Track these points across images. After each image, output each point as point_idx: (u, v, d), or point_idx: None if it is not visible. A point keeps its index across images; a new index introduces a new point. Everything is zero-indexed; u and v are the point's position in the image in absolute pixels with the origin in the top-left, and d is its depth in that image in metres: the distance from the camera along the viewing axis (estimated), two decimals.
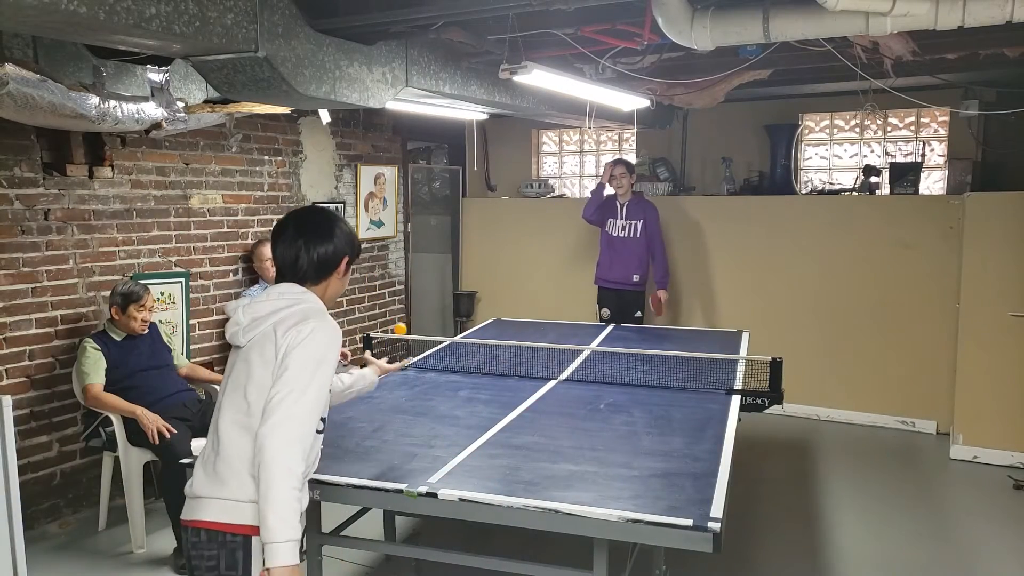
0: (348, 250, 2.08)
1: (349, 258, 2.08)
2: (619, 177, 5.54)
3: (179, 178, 4.52)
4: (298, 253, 2.00)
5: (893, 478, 4.62)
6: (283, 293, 1.99)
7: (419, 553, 3.30)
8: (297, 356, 1.87)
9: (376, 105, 3.28)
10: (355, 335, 5.88)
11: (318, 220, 2.07)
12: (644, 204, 5.63)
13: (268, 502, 1.76)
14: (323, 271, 2.04)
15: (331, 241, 2.03)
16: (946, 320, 5.21)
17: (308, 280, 2.03)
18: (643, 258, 5.58)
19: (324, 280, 2.05)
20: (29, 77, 2.83)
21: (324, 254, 2.02)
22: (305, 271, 2.02)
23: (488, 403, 3.20)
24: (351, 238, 2.09)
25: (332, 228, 2.05)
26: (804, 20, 2.79)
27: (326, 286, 2.06)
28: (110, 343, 3.78)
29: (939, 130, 5.88)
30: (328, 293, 2.07)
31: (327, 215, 2.11)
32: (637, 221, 5.56)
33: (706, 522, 1.99)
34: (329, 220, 2.08)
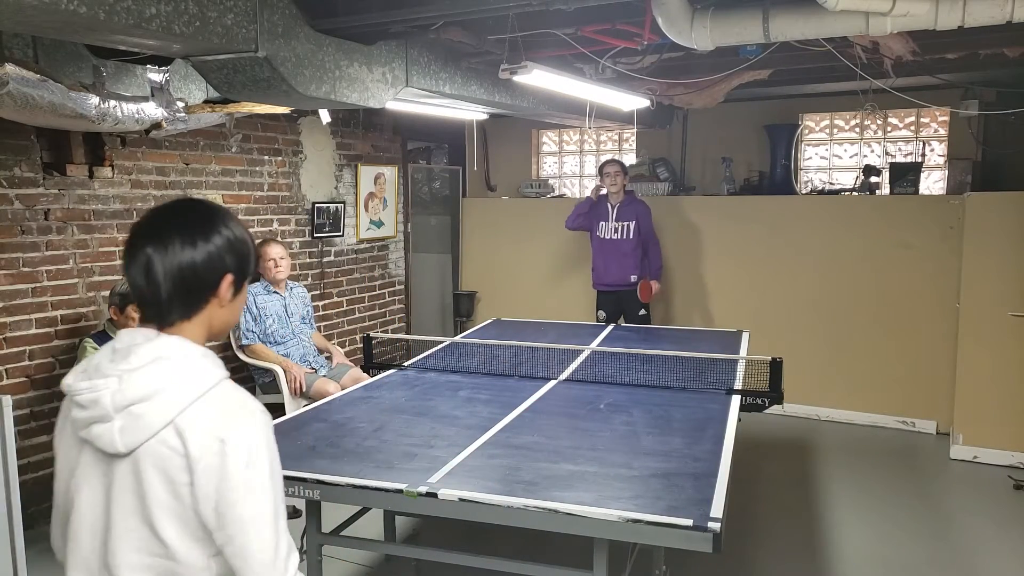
0: (232, 262, 1.35)
1: (234, 276, 1.36)
2: (613, 176, 5.50)
3: (179, 178, 4.52)
4: (148, 272, 1.29)
5: (893, 478, 4.62)
6: (160, 357, 1.26)
7: (419, 553, 3.29)
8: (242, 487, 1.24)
9: (376, 105, 3.28)
10: (355, 335, 5.88)
11: (181, 218, 1.35)
12: (636, 204, 5.60)
13: None
14: (192, 296, 1.32)
15: (198, 248, 1.31)
16: (946, 320, 5.21)
17: (173, 315, 1.32)
18: (639, 257, 5.58)
19: (197, 312, 1.34)
20: (29, 77, 2.83)
21: (189, 268, 1.30)
22: (164, 301, 1.30)
23: (488, 403, 3.20)
24: (238, 245, 1.37)
25: (203, 230, 1.33)
26: (804, 20, 2.79)
27: (207, 321, 1.36)
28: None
29: (939, 130, 5.88)
30: (214, 330, 1.39)
31: (198, 209, 1.39)
32: (629, 222, 5.54)
33: (706, 522, 1.98)
34: (201, 217, 1.36)
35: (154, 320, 1.32)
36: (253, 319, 4.64)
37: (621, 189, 5.56)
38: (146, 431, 1.24)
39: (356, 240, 5.94)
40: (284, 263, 4.80)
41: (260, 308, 4.67)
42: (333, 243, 5.72)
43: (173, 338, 1.31)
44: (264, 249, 4.78)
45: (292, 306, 4.83)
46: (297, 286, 4.99)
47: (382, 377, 3.72)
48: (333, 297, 5.76)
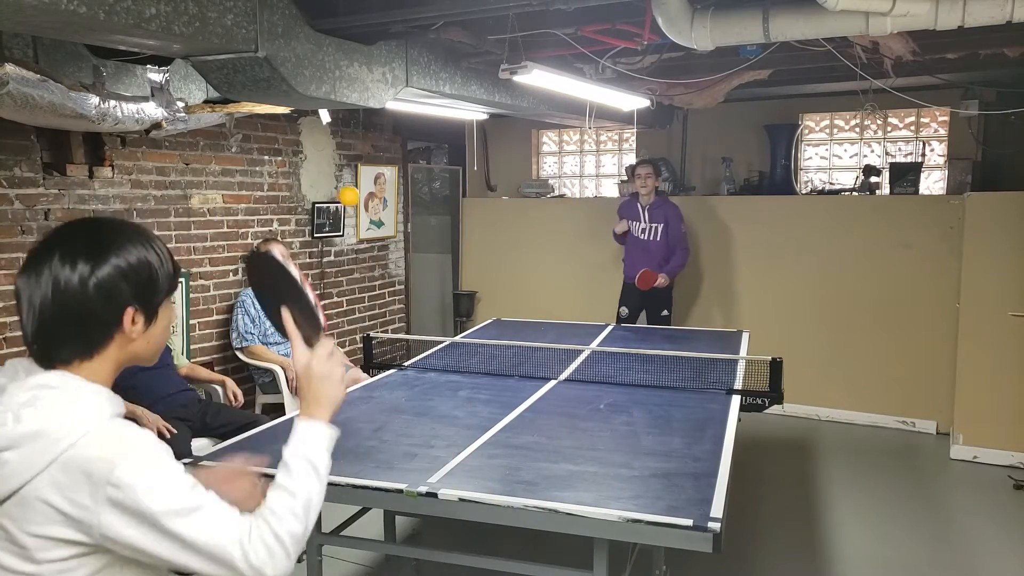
0: (131, 295, 1.18)
1: (136, 308, 1.19)
2: (644, 177, 5.50)
3: (179, 178, 4.52)
4: (20, 310, 1.14)
5: (893, 478, 4.62)
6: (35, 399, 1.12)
7: (419, 553, 3.30)
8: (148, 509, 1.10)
9: (376, 105, 3.28)
10: (355, 335, 5.88)
11: (74, 239, 1.17)
12: (666, 207, 5.57)
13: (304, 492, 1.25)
14: (85, 336, 1.17)
15: (84, 283, 1.13)
16: (946, 320, 5.21)
17: (61, 354, 1.16)
18: (664, 260, 5.53)
19: (96, 351, 1.18)
20: (29, 77, 2.83)
21: (75, 298, 1.13)
22: (47, 339, 1.15)
23: (488, 403, 3.20)
24: (139, 275, 1.19)
25: (93, 259, 1.14)
26: (804, 20, 2.79)
27: (115, 358, 1.21)
28: None
29: (939, 130, 5.88)
30: (127, 363, 1.24)
31: (94, 227, 1.20)
32: (658, 224, 5.52)
33: (706, 522, 1.98)
34: (95, 237, 1.17)
35: (40, 360, 1.16)
36: (252, 321, 4.64)
37: (652, 190, 5.54)
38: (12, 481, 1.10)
39: (356, 240, 5.94)
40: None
41: (259, 310, 4.68)
42: (333, 243, 5.72)
43: (51, 376, 1.15)
44: (267, 249, 4.78)
45: None
46: None
47: (382, 377, 3.72)
48: (333, 297, 5.76)
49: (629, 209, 5.67)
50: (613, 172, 7.10)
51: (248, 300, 4.69)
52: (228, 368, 4.79)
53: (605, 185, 7.16)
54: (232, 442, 2.73)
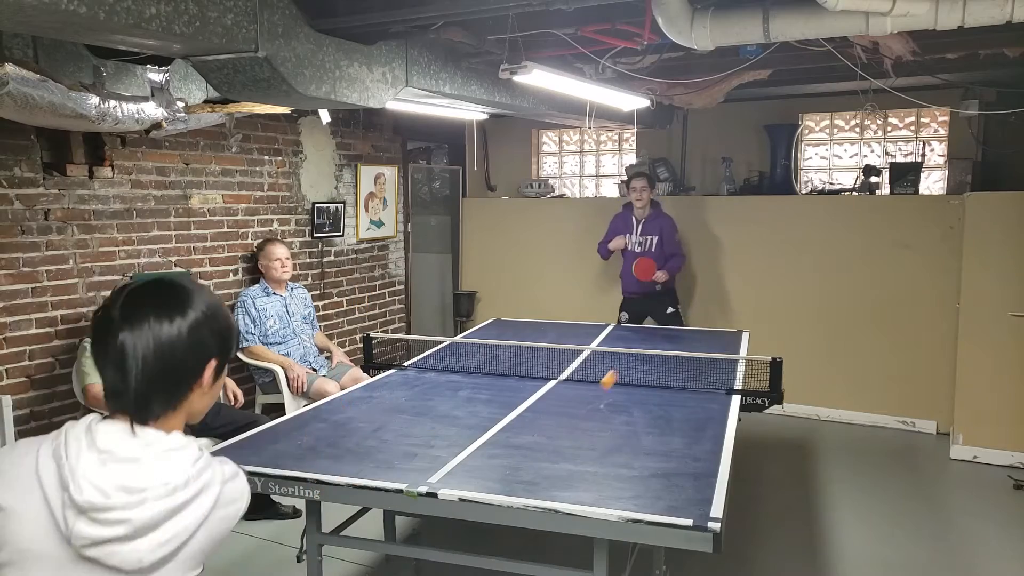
0: (216, 347, 1.26)
1: (218, 361, 1.27)
2: (639, 191, 5.41)
3: (179, 178, 4.52)
4: (125, 367, 1.17)
5: (893, 478, 4.62)
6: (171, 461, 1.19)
7: (419, 553, 3.30)
8: None
9: (376, 105, 3.28)
10: (355, 335, 5.88)
11: (159, 299, 1.22)
12: (660, 219, 5.49)
13: None
14: (175, 389, 1.22)
15: (182, 335, 1.20)
16: (946, 320, 5.21)
17: (155, 412, 1.20)
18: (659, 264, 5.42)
19: (180, 405, 1.24)
20: (29, 77, 2.83)
21: (171, 359, 1.19)
22: (144, 398, 1.18)
23: (488, 403, 3.20)
24: (221, 327, 1.27)
25: (184, 312, 1.21)
26: (804, 20, 2.79)
27: (187, 412, 1.26)
28: None
29: (939, 130, 5.87)
30: (190, 419, 1.29)
31: (176, 288, 1.25)
32: (653, 236, 5.45)
33: (706, 522, 1.98)
34: (179, 298, 1.23)
35: (131, 415, 1.19)
36: (252, 321, 4.64)
37: (647, 204, 5.46)
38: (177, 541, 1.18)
39: (356, 240, 5.94)
40: (289, 263, 4.82)
41: (260, 310, 4.68)
42: (333, 243, 5.72)
43: (173, 436, 1.21)
44: (270, 249, 4.78)
45: (292, 306, 4.83)
46: (297, 287, 5.00)
47: (382, 377, 3.72)
48: (333, 297, 5.76)
49: (623, 222, 5.58)
50: (613, 172, 7.10)
51: (248, 300, 4.69)
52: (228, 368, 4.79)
53: (605, 185, 7.16)
54: (232, 442, 2.73)
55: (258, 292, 4.74)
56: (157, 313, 1.19)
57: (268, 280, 4.79)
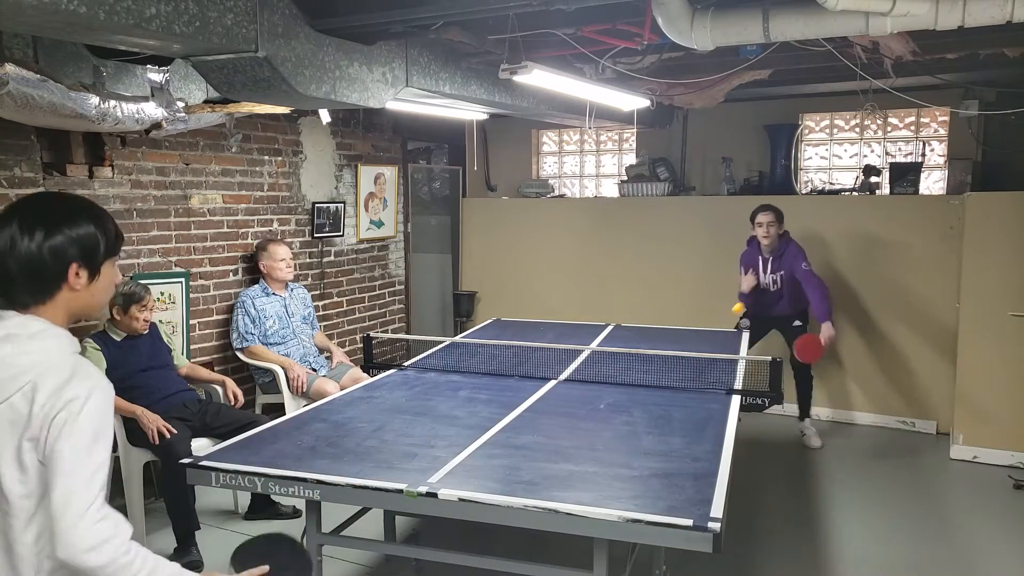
0: (75, 253, 1.47)
1: (79, 264, 1.48)
2: (766, 226, 4.94)
3: (179, 178, 4.52)
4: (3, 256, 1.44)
5: (893, 478, 4.62)
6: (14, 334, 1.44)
7: (419, 553, 3.30)
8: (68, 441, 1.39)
9: (376, 105, 3.28)
10: (355, 335, 5.88)
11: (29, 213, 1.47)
12: (787, 255, 4.99)
13: None
14: (38, 284, 1.46)
15: (37, 242, 1.44)
16: (946, 320, 5.21)
17: (23, 298, 1.46)
18: (797, 301, 5.05)
19: (47, 297, 1.48)
20: (29, 77, 2.83)
21: (27, 259, 1.43)
22: (11, 284, 1.45)
23: (488, 403, 3.20)
24: (84, 239, 1.48)
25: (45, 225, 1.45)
26: (804, 20, 2.79)
27: (64, 305, 1.50)
28: (110, 343, 3.78)
29: (939, 130, 5.88)
30: (75, 312, 1.53)
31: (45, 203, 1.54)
32: (781, 273, 5.03)
33: (706, 522, 1.99)
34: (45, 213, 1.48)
35: (6, 303, 1.47)
36: (252, 321, 4.64)
37: (775, 239, 4.99)
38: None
39: (356, 240, 5.94)
40: (292, 264, 4.82)
41: (259, 310, 4.68)
42: (333, 243, 5.72)
43: (21, 317, 1.46)
44: (273, 249, 4.77)
45: (292, 307, 4.83)
46: (297, 287, 5.00)
47: (382, 377, 3.72)
48: (333, 297, 5.76)
49: (750, 258, 5.15)
50: (613, 172, 7.10)
51: (248, 300, 4.69)
52: (228, 368, 4.79)
53: (605, 185, 7.16)
54: (232, 442, 2.73)
55: (257, 292, 4.74)
56: (24, 221, 1.45)
57: (269, 280, 4.79)
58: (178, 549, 3.54)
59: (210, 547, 3.63)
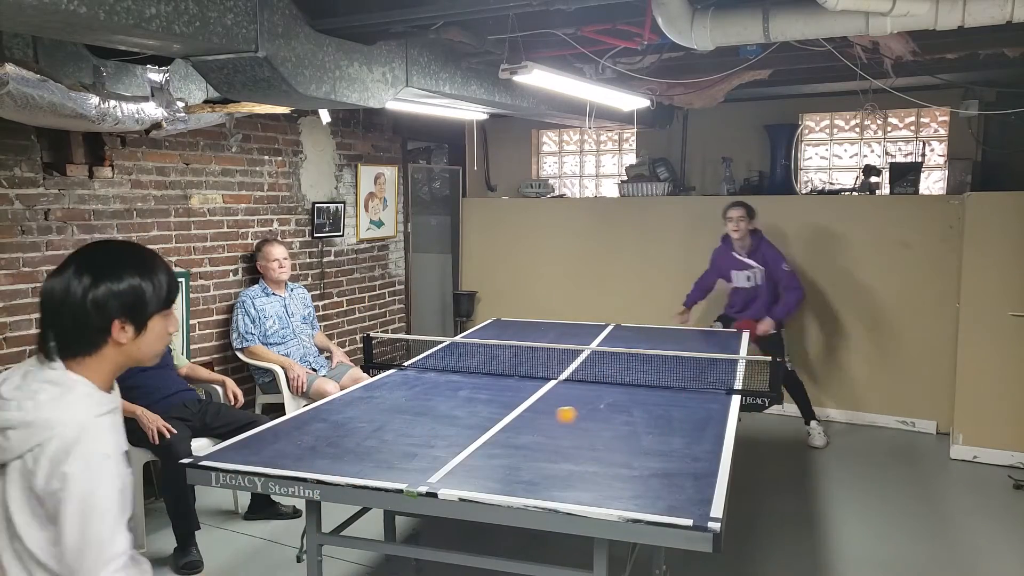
0: (116, 308, 1.44)
1: (123, 319, 1.46)
2: (736, 220, 5.04)
3: (179, 178, 4.52)
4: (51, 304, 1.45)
5: (893, 478, 4.62)
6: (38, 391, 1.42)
7: (419, 553, 3.30)
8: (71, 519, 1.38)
9: (376, 105, 3.28)
10: (355, 335, 5.88)
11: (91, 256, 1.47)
12: (762, 250, 5.11)
13: None
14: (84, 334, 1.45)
15: (91, 288, 1.43)
16: (946, 320, 5.21)
17: (69, 349, 1.45)
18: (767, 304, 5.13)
19: (94, 349, 1.46)
20: (29, 77, 2.83)
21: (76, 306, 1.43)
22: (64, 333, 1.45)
23: (488, 403, 3.20)
24: (125, 295, 1.45)
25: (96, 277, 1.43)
26: (804, 20, 2.79)
27: (110, 358, 1.49)
28: None
29: (939, 130, 5.88)
30: (119, 364, 1.51)
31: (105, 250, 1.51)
32: (757, 270, 5.12)
33: (706, 522, 1.98)
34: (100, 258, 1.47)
35: (49, 353, 1.45)
36: (252, 322, 4.65)
37: (746, 234, 5.09)
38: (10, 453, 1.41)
39: (356, 240, 5.94)
40: (287, 264, 4.82)
41: (259, 310, 4.68)
42: (333, 243, 5.72)
43: (58, 372, 1.44)
44: (268, 249, 4.78)
45: (292, 306, 4.84)
46: (297, 287, 5.00)
47: (382, 377, 3.72)
48: (333, 297, 5.76)
49: (724, 256, 5.26)
50: (613, 172, 7.10)
51: (248, 300, 4.69)
52: (228, 368, 4.79)
53: (605, 185, 7.16)
54: (232, 442, 2.73)
55: (257, 292, 4.74)
56: (77, 270, 1.44)
57: (267, 280, 4.80)
58: (178, 549, 3.54)
59: (210, 547, 3.63)
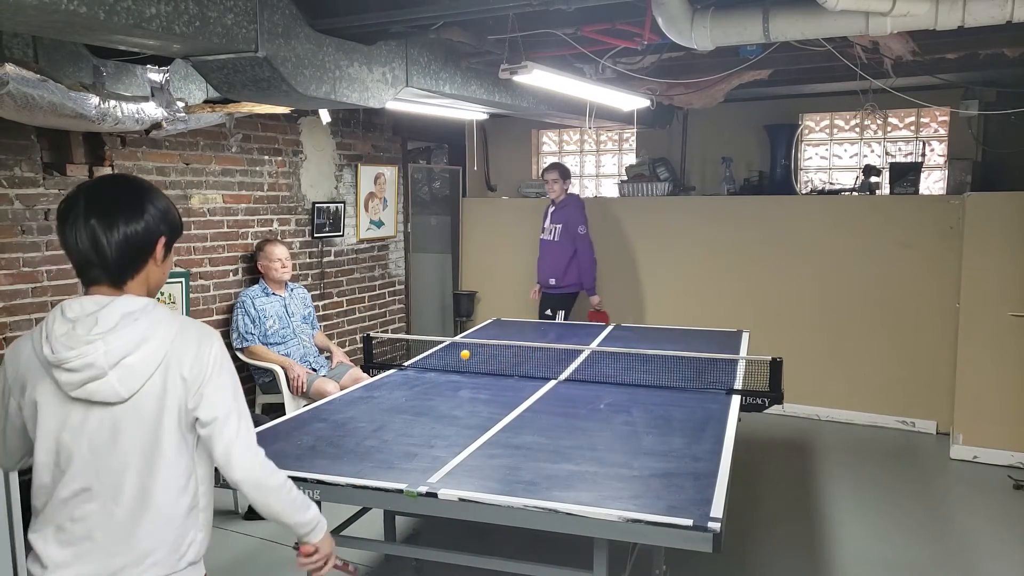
0: (165, 228, 1.64)
1: (166, 238, 1.65)
2: (551, 182, 5.70)
3: (179, 178, 4.52)
4: (95, 243, 1.55)
5: (893, 478, 4.62)
6: (127, 314, 1.55)
7: (419, 553, 3.30)
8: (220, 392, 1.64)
9: (376, 105, 3.28)
10: (355, 335, 5.88)
11: (118, 192, 1.62)
12: (568, 208, 5.71)
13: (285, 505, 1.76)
14: (136, 260, 1.60)
15: (140, 218, 1.59)
16: (946, 320, 5.21)
17: (125, 276, 1.59)
18: (560, 261, 5.69)
19: (140, 271, 1.61)
20: (29, 77, 2.83)
21: (133, 237, 1.57)
22: (114, 267, 1.57)
23: (488, 403, 3.20)
24: (170, 214, 1.67)
25: (139, 201, 1.60)
26: (804, 20, 2.79)
27: (146, 279, 1.63)
28: None
29: (939, 130, 5.88)
30: (150, 286, 1.66)
31: (130, 184, 1.66)
32: (558, 225, 5.70)
33: (706, 522, 1.98)
34: (133, 190, 1.63)
35: (104, 282, 1.58)
36: (252, 322, 4.64)
37: (561, 194, 5.72)
38: (141, 378, 1.55)
39: (356, 240, 5.94)
40: (289, 264, 4.82)
41: (259, 310, 4.68)
42: (333, 243, 5.72)
43: (127, 297, 1.57)
44: (270, 249, 4.78)
45: (292, 307, 4.84)
46: (297, 287, 5.00)
47: (382, 377, 3.72)
48: (333, 297, 5.76)
49: (545, 212, 5.90)
50: (613, 172, 7.10)
51: (248, 300, 4.69)
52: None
53: (605, 185, 7.16)
54: None
55: (257, 292, 4.74)
56: (124, 213, 1.57)
57: (268, 280, 4.79)
58: None
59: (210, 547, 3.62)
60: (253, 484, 1.68)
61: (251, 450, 1.67)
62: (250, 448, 1.67)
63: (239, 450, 1.64)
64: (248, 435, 1.66)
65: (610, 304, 6.07)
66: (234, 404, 1.64)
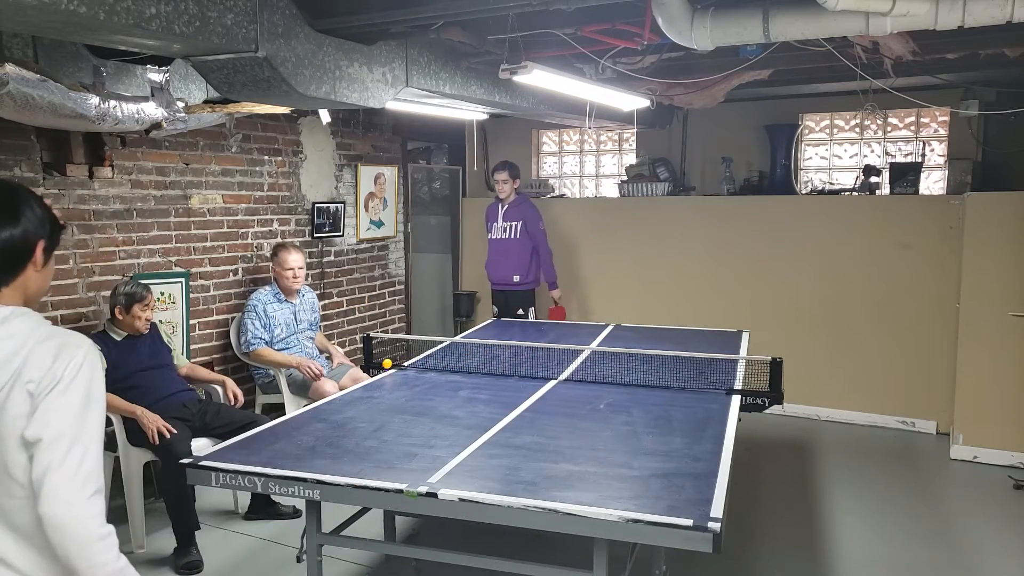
0: (42, 232, 1.53)
1: (46, 242, 1.54)
2: (501, 183, 5.80)
3: (179, 178, 4.52)
4: None
5: (893, 478, 4.62)
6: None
7: (419, 553, 3.30)
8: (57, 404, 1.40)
9: (376, 105, 3.28)
10: (355, 335, 5.88)
11: None
12: (524, 206, 5.84)
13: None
14: (14, 265, 1.50)
15: (17, 222, 1.49)
16: (946, 320, 5.21)
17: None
18: (523, 259, 5.81)
19: (16, 278, 1.51)
20: (29, 77, 2.83)
21: (9, 239, 1.47)
22: None
23: (488, 403, 3.20)
24: (44, 217, 1.55)
25: (15, 204, 1.50)
26: (804, 20, 2.79)
27: (23, 286, 1.52)
28: (110, 343, 3.78)
29: (939, 130, 5.87)
30: (29, 293, 1.54)
31: (5, 188, 1.55)
32: (516, 223, 5.81)
33: (706, 522, 1.98)
34: (9, 194, 1.53)
35: None
36: (263, 326, 4.59)
37: (511, 193, 5.84)
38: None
39: (356, 240, 5.94)
40: (302, 273, 4.72)
41: (270, 316, 4.62)
42: (333, 243, 5.72)
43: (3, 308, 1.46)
44: (283, 257, 4.67)
45: (301, 314, 4.78)
46: (308, 292, 4.93)
47: (382, 377, 3.72)
48: (333, 297, 5.76)
49: (491, 211, 5.98)
50: (613, 172, 7.10)
51: (259, 305, 4.61)
52: (228, 368, 4.79)
53: (605, 185, 7.16)
54: (232, 442, 2.73)
55: (269, 298, 4.66)
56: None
57: (280, 287, 4.73)
58: (178, 549, 3.54)
59: (210, 547, 3.63)
60: (58, 526, 1.35)
61: (72, 485, 1.36)
62: (72, 482, 1.36)
63: (56, 480, 1.35)
64: (77, 468, 1.36)
65: (610, 304, 6.08)
66: (73, 428, 1.38)
